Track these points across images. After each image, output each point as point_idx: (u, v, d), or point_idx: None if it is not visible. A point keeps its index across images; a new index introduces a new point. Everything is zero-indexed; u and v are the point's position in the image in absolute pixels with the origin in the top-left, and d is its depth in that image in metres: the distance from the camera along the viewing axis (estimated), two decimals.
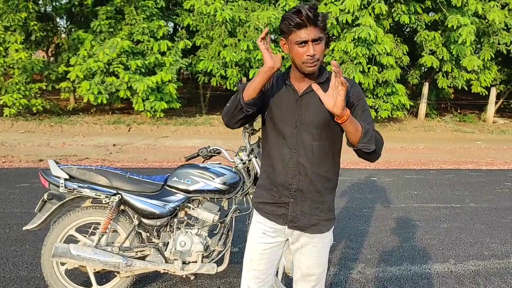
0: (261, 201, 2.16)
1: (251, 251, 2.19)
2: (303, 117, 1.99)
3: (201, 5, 11.72)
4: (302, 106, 1.99)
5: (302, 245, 2.14)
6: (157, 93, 12.07)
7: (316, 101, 1.93)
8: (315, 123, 1.98)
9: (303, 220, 2.07)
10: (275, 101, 2.03)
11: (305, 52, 1.86)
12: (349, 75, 12.14)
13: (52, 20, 14.64)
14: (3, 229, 4.45)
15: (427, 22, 13.64)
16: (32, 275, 3.47)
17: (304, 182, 2.03)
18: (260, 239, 2.15)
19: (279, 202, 2.09)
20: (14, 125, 11.75)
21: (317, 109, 1.97)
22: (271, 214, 2.12)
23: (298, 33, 1.85)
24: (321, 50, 1.89)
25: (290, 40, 1.89)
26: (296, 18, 1.82)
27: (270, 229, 2.14)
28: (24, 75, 11.78)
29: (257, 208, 2.18)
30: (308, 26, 1.83)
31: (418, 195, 6.43)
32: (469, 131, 14.30)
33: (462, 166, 8.93)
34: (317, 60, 1.89)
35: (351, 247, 4.36)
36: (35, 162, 7.82)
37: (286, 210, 2.08)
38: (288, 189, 2.05)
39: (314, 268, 2.17)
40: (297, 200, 2.06)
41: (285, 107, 2.01)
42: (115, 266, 2.94)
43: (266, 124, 2.10)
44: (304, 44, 1.86)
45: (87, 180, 3.03)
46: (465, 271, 3.91)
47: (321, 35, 1.86)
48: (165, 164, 8.05)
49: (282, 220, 2.10)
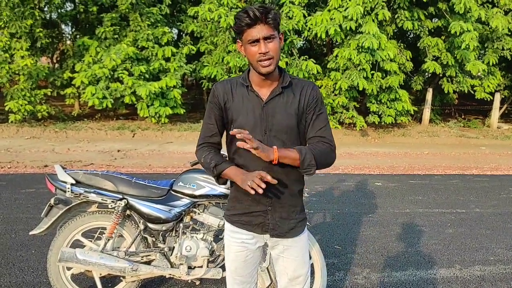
0: (235, 213, 2.11)
1: (234, 261, 2.15)
2: (271, 123, 1.97)
3: (205, 12, 11.79)
4: (269, 112, 1.97)
5: (284, 248, 2.13)
6: (161, 99, 12.13)
7: (282, 106, 1.96)
8: (284, 128, 1.97)
9: (283, 226, 2.07)
10: (241, 111, 1.99)
11: (258, 51, 1.86)
12: (353, 81, 12.15)
13: (57, 27, 14.77)
14: (9, 234, 4.48)
15: (430, 28, 13.66)
16: (38, 280, 3.48)
17: (281, 188, 2.02)
18: (240, 248, 2.12)
19: (256, 211, 2.06)
20: (19, 131, 11.82)
21: (284, 115, 1.97)
22: (248, 225, 2.08)
23: (249, 32, 1.86)
24: (275, 48, 1.88)
25: (244, 40, 1.90)
26: (245, 18, 1.83)
27: (248, 237, 2.11)
28: (29, 82, 11.87)
29: (232, 221, 2.12)
30: (257, 25, 1.83)
31: (422, 201, 6.41)
32: (474, 136, 14.25)
33: (466, 172, 8.90)
34: (270, 58, 1.88)
35: (356, 252, 4.35)
36: (40, 168, 7.85)
37: (264, 219, 2.06)
38: (265, 197, 2.01)
39: (301, 269, 2.15)
40: (275, 207, 2.05)
41: (251, 115, 1.97)
42: (121, 270, 2.95)
43: (233, 135, 2.04)
44: (256, 42, 1.86)
45: (93, 185, 3.05)
46: (470, 276, 3.89)
47: (273, 33, 1.86)
48: (170, 170, 8.07)
49: (261, 229, 2.08)
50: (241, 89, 2.02)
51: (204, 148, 2.10)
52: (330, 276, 3.75)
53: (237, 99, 2.01)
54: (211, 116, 2.08)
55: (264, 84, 1.99)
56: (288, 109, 1.97)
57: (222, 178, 2.02)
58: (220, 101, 2.03)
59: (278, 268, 2.21)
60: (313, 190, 6.62)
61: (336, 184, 7.24)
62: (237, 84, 2.04)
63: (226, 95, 2.02)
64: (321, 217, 5.44)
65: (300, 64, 12.36)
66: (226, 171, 1.97)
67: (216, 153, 2.07)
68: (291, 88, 2.01)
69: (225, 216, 2.18)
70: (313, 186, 6.87)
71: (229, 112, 2.02)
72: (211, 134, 2.10)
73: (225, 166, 1.98)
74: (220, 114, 2.05)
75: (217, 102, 2.04)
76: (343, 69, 12.56)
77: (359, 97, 13.66)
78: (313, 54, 15.43)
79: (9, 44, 11.78)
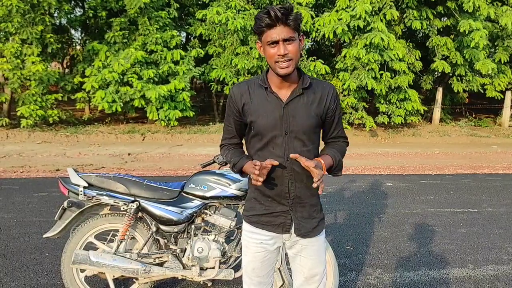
0: (255, 213, 2.10)
1: (251, 261, 2.14)
2: (292, 124, 1.97)
3: (213, 15, 11.84)
4: (290, 113, 1.97)
5: (302, 248, 2.13)
6: (170, 102, 12.19)
7: (303, 107, 1.98)
8: (305, 128, 1.98)
9: (306, 225, 2.08)
10: (260, 112, 1.98)
11: (277, 52, 1.85)
12: (361, 82, 12.12)
13: (67, 32, 14.92)
14: (23, 237, 4.53)
15: (439, 28, 13.58)
16: (52, 282, 3.52)
17: (301, 188, 2.03)
18: (258, 249, 2.11)
19: (277, 212, 2.06)
20: (31, 135, 11.96)
21: (305, 116, 1.98)
22: (268, 225, 2.08)
23: (268, 33, 1.84)
24: (294, 50, 1.86)
25: (263, 41, 1.89)
26: (266, 18, 1.81)
27: (267, 238, 2.10)
28: (40, 87, 12.01)
29: (251, 222, 2.11)
30: (278, 26, 1.82)
31: (434, 200, 6.37)
32: (485, 135, 14.13)
33: (478, 171, 8.83)
34: (289, 59, 1.86)
35: (368, 253, 4.34)
36: (52, 172, 7.93)
37: (284, 219, 2.06)
38: (286, 198, 2.03)
39: (317, 267, 2.16)
40: (296, 207, 2.05)
41: (272, 116, 1.97)
42: (134, 272, 2.97)
43: (253, 136, 2.06)
44: (275, 44, 1.85)
45: (105, 187, 3.07)
46: (484, 276, 3.86)
47: (293, 35, 1.84)
48: (180, 172, 8.11)
49: (281, 229, 2.07)
50: (260, 91, 2.01)
51: (225, 147, 2.19)
52: (342, 276, 3.74)
53: (255, 100, 2.00)
54: (229, 119, 2.11)
55: (283, 86, 1.99)
56: (309, 110, 1.98)
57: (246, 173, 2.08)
58: (237, 103, 2.03)
59: (295, 267, 2.21)
60: (324, 191, 6.56)
61: (347, 184, 7.22)
62: (255, 86, 2.03)
63: (243, 97, 2.02)
64: (332, 218, 5.42)
65: (308, 65, 12.35)
66: (244, 168, 2.04)
67: (235, 151, 2.13)
68: (311, 89, 2.02)
69: (243, 217, 2.17)
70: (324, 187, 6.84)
71: (248, 114, 2.02)
72: (230, 136, 2.15)
73: (242, 163, 2.04)
74: (238, 116, 2.07)
75: (235, 105, 2.04)
76: (351, 69, 12.53)
77: (368, 97, 13.61)
78: (321, 55, 15.41)
79: (20, 50, 11.93)
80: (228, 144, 2.17)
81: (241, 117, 2.05)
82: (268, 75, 2.02)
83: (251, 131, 2.04)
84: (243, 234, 2.18)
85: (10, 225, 4.88)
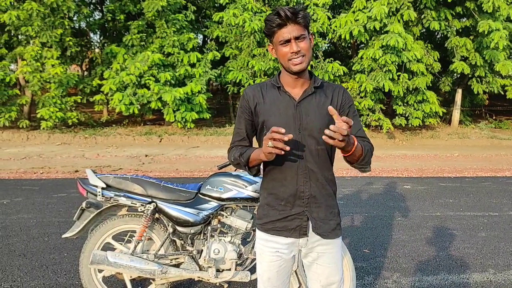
0: (269, 220, 2.04)
1: (267, 271, 2.08)
2: (305, 122, 1.95)
3: (230, 17, 11.88)
4: (302, 111, 1.96)
5: (318, 255, 2.07)
6: (187, 104, 12.27)
7: (315, 106, 1.97)
8: (318, 127, 1.95)
9: (324, 226, 2.03)
10: (273, 111, 1.98)
11: (289, 50, 1.87)
12: (378, 83, 12.02)
13: (86, 36, 15.15)
14: (42, 237, 4.59)
15: (458, 28, 13.39)
16: (71, 282, 3.56)
17: (316, 187, 1.99)
18: (274, 258, 2.05)
19: (291, 215, 2.00)
20: (50, 137, 12.15)
21: (318, 114, 1.96)
22: (283, 230, 2.02)
23: (280, 33, 1.87)
24: (306, 47, 1.88)
25: (275, 42, 1.91)
26: (276, 19, 1.84)
27: (283, 246, 2.04)
28: (60, 89, 12.21)
29: (266, 229, 2.05)
30: (288, 25, 1.85)
31: (453, 204, 6.27)
32: (505, 137, 13.86)
33: (499, 174, 8.67)
34: (303, 55, 1.88)
35: (386, 256, 4.29)
36: (71, 173, 8.05)
37: (300, 221, 2.01)
38: (301, 198, 1.99)
39: (334, 276, 2.10)
40: (311, 207, 2.00)
41: (284, 115, 1.96)
42: (151, 273, 2.98)
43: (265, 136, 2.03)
44: (287, 43, 1.87)
45: (123, 188, 3.09)
46: (505, 281, 3.77)
47: (304, 32, 1.87)
48: (197, 174, 8.14)
49: (298, 233, 2.02)
50: (272, 91, 2.02)
51: (233, 149, 2.12)
52: (359, 280, 3.70)
53: (268, 100, 2.01)
54: (240, 121, 2.09)
55: (295, 85, 1.99)
56: (321, 109, 1.96)
57: (253, 166, 2.00)
58: (250, 104, 2.03)
59: (311, 275, 2.15)
60: (341, 194, 6.56)
61: (364, 187, 7.16)
62: (267, 87, 2.05)
63: (256, 98, 2.03)
64: (349, 221, 5.38)
65: (325, 66, 12.31)
66: (251, 156, 1.95)
67: (242, 148, 2.08)
68: (322, 90, 2.02)
69: (257, 225, 2.11)
70: (341, 189, 6.80)
71: (260, 114, 2.01)
72: (240, 138, 2.12)
73: (249, 152, 1.97)
74: (250, 118, 2.06)
75: (247, 106, 2.04)
76: (368, 70, 12.44)
77: (385, 99, 13.49)
78: (338, 57, 15.34)
79: (40, 53, 12.15)
80: (236, 146, 2.13)
81: (252, 117, 2.05)
82: (281, 76, 2.04)
83: (264, 130, 2.01)
84: (256, 243, 2.12)
85: (30, 225, 4.96)
